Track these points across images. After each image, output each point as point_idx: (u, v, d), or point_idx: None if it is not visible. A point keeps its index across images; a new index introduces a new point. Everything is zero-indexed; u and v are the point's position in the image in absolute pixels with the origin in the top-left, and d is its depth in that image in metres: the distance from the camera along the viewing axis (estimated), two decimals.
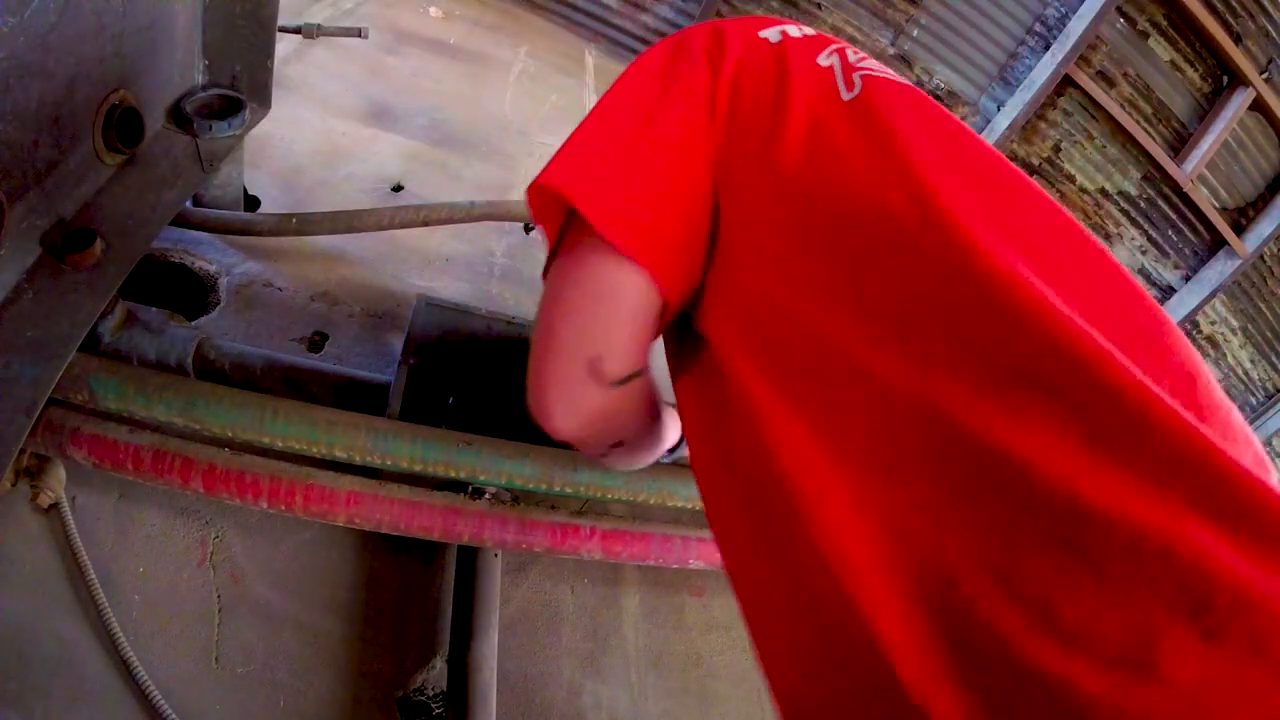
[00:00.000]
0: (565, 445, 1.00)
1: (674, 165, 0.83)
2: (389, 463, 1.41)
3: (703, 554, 1.64)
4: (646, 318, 0.86)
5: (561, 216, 0.89)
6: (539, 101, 3.95)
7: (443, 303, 1.80)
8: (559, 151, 0.83)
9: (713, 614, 1.84)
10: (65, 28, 1.08)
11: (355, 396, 1.61)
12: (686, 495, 1.59)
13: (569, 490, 1.51)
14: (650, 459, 1.21)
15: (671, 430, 1.23)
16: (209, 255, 1.89)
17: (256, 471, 1.35)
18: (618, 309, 0.85)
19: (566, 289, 0.86)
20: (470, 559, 1.53)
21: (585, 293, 0.85)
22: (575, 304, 0.85)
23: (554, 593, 1.69)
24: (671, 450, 1.27)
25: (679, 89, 0.85)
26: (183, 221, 1.80)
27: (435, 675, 1.47)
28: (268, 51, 1.63)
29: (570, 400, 0.87)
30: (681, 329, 0.94)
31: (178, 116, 1.51)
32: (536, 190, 0.84)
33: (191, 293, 1.84)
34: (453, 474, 1.44)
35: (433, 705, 1.43)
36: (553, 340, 0.86)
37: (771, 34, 0.91)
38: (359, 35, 2.97)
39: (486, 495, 1.50)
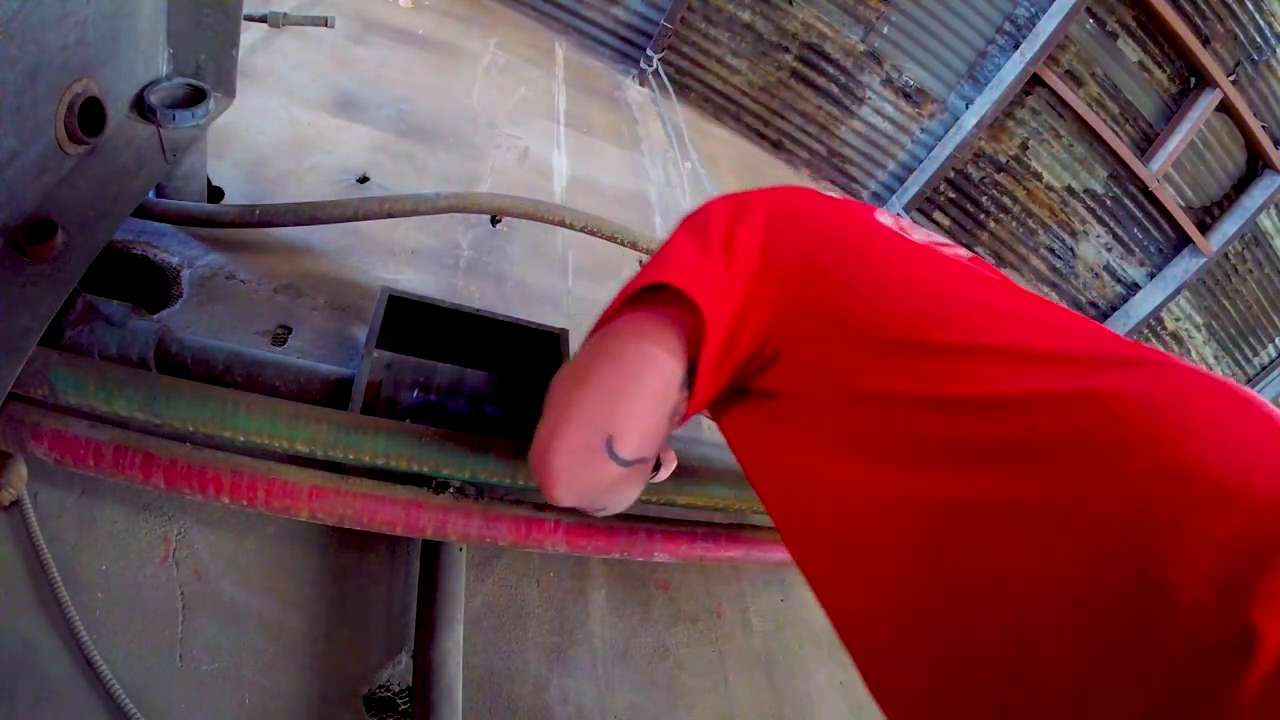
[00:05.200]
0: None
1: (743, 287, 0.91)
2: (351, 457, 1.40)
3: (668, 547, 1.64)
4: (670, 409, 0.91)
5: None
6: (507, 93, 3.94)
7: (408, 295, 1.79)
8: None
9: (679, 606, 1.85)
10: (28, 15, 1.07)
11: (319, 390, 1.60)
12: (650, 489, 1.60)
13: (533, 483, 1.51)
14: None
15: (661, 474, 1.34)
16: (171, 247, 1.87)
17: (218, 466, 1.34)
18: (650, 392, 0.89)
19: (604, 363, 0.90)
20: (435, 553, 1.53)
21: (624, 371, 0.89)
22: (609, 380, 0.89)
23: (519, 587, 1.69)
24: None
25: (742, 231, 0.94)
26: (145, 213, 1.78)
27: (401, 670, 1.46)
28: (233, 41, 1.62)
29: (577, 470, 0.90)
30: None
31: (141, 106, 1.49)
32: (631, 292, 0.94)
33: (154, 285, 1.82)
34: (416, 468, 1.44)
35: (399, 701, 1.43)
36: (574, 410, 0.89)
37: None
38: (326, 24, 2.93)
39: (450, 489, 1.49)
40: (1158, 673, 0.58)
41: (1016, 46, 5.51)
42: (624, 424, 0.89)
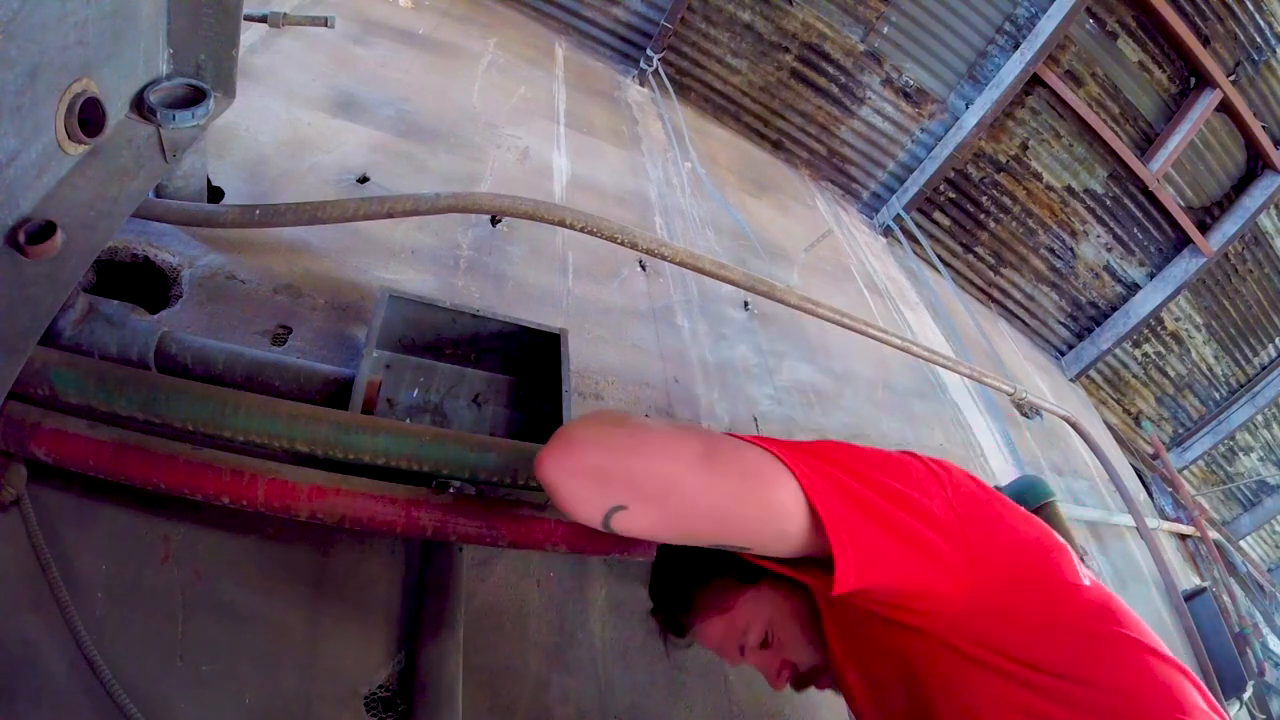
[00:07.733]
0: None
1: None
2: (351, 457, 1.40)
3: None
4: None
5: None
6: (507, 94, 3.94)
7: (407, 295, 1.79)
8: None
9: None
10: (28, 15, 1.06)
11: (319, 390, 1.60)
12: None
13: (534, 484, 1.51)
14: None
15: None
16: (171, 247, 1.87)
17: (218, 466, 1.34)
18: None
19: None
20: (435, 553, 1.53)
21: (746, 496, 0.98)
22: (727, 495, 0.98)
23: (520, 586, 1.69)
24: None
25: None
26: (145, 213, 1.78)
27: (401, 671, 1.46)
28: (233, 40, 1.61)
29: (575, 488, 1.01)
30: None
31: (141, 106, 1.49)
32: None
33: (154, 285, 1.82)
34: (416, 468, 1.44)
35: (399, 701, 1.43)
36: (630, 463, 0.98)
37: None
38: (326, 25, 2.93)
39: (451, 489, 1.49)
40: None
41: (1016, 46, 5.51)
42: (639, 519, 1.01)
